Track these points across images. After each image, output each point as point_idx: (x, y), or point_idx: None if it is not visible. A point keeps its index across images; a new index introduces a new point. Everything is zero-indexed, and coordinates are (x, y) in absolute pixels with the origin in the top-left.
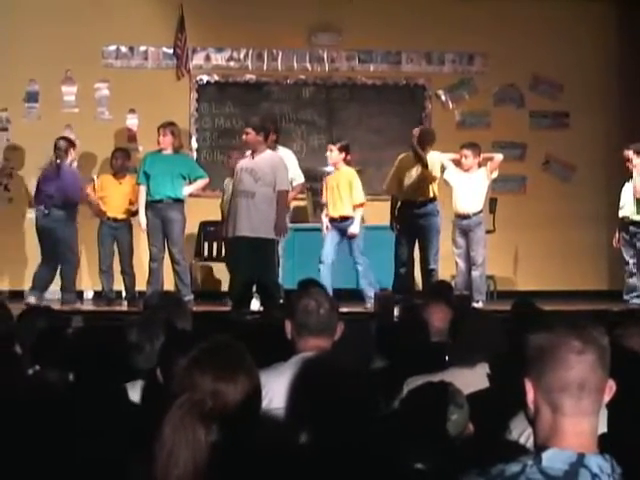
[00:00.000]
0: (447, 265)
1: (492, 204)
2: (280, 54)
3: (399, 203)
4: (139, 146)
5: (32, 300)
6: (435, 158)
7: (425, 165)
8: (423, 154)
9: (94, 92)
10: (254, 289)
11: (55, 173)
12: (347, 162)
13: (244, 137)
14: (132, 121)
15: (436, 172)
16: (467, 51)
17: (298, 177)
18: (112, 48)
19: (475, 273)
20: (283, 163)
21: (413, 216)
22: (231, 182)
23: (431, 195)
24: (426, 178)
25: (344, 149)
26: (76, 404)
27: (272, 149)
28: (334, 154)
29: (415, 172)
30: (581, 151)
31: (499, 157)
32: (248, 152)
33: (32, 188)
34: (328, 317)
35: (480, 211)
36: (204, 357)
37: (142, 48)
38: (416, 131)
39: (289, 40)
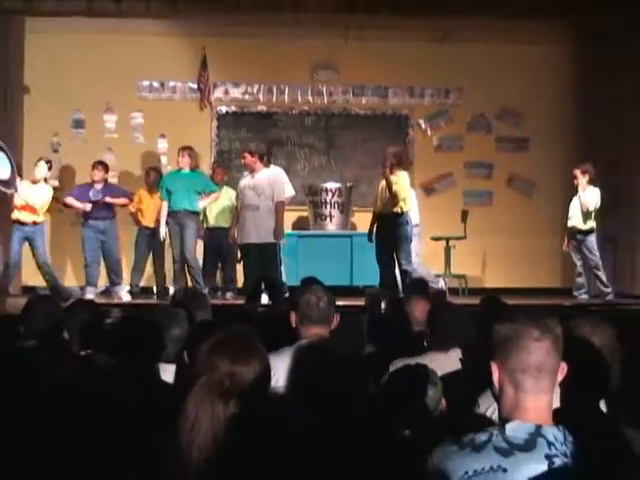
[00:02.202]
0: None
1: (464, 215)
2: (287, 88)
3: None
4: (168, 166)
5: (90, 294)
6: (404, 178)
7: (389, 185)
8: (388, 177)
9: (130, 120)
10: (263, 286)
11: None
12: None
13: (242, 160)
14: (162, 145)
15: (402, 190)
16: (444, 86)
17: (288, 191)
18: (146, 83)
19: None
20: (278, 178)
21: (385, 227)
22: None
23: (399, 210)
24: (393, 195)
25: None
26: (117, 381)
27: (266, 167)
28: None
29: (386, 191)
30: (539, 170)
31: None
32: (246, 172)
33: None
34: (326, 309)
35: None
36: (222, 343)
37: (171, 83)
38: (390, 151)
39: (294, 77)
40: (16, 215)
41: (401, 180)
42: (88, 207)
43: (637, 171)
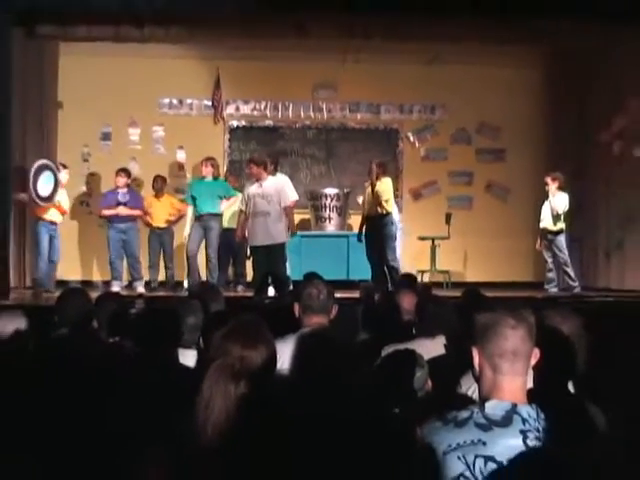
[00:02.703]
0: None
1: (447, 217)
2: (291, 105)
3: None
4: (187, 173)
5: (116, 287)
6: (387, 183)
7: (373, 190)
8: (374, 182)
9: (152, 133)
10: (270, 280)
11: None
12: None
13: (248, 171)
14: (181, 155)
15: (386, 195)
16: (430, 104)
17: (292, 196)
18: (166, 100)
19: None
20: (283, 184)
21: (373, 227)
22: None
23: (384, 211)
24: (377, 199)
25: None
26: (141, 365)
27: (272, 175)
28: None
29: (372, 195)
30: (514, 178)
31: None
32: (253, 180)
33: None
34: (326, 301)
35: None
36: (234, 330)
37: (188, 100)
38: (374, 162)
39: (297, 95)
40: (46, 214)
41: (384, 184)
42: (120, 210)
43: (600, 179)
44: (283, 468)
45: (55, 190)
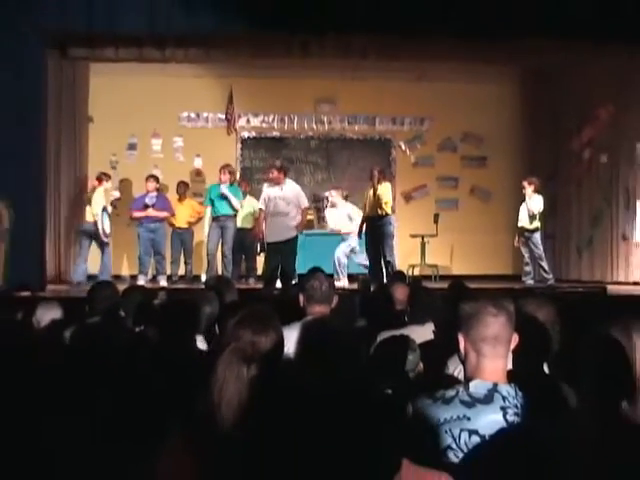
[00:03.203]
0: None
1: (435, 217)
2: (295, 118)
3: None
4: (204, 179)
5: (141, 281)
6: (387, 188)
7: (375, 193)
8: (376, 186)
9: (173, 143)
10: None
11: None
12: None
13: (270, 175)
14: (198, 162)
15: (386, 198)
16: (419, 116)
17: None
18: (185, 114)
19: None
20: (300, 190)
21: (373, 226)
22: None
23: (384, 212)
24: (378, 201)
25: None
26: (163, 349)
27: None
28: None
29: (373, 198)
30: (495, 182)
31: None
32: (272, 184)
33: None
34: (328, 292)
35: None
36: (245, 318)
37: (204, 114)
38: (376, 168)
39: (301, 108)
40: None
41: (385, 188)
42: (150, 212)
43: (572, 183)
44: (289, 441)
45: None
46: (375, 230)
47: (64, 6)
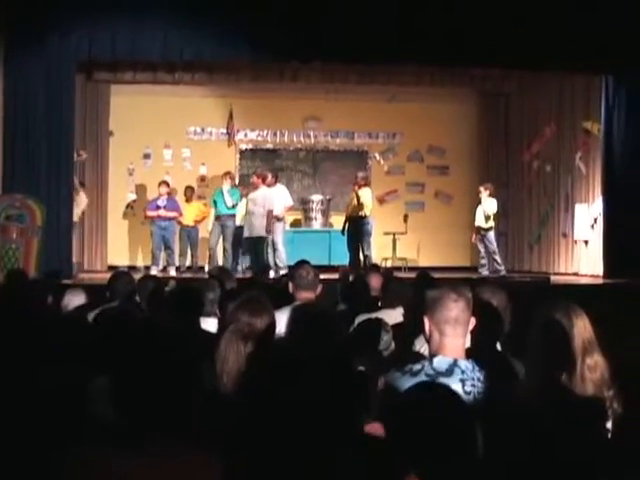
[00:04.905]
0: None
1: (405, 218)
2: (286, 133)
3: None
4: (208, 184)
5: (154, 271)
6: (367, 193)
7: (358, 198)
8: (357, 191)
9: (182, 153)
10: (272, 262)
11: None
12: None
13: (252, 181)
14: (203, 170)
15: (367, 201)
16: (391, 131)
17: (288, 201)
18: (192, 129)
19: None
20: (271, 196)
21: (354, 225)
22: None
23: (364, 214)
24: (359, 204)
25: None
26: (173, 331)
27: (272, 186)
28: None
29: (355, 201)
30: (456, 188)
31: None
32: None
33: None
34: (313, 280)
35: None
36: (243, 303)
37: (208, 129)
38: (360, 174)
39: (291, 125)
40: None
41: (366, 194)
42: (161, 212)
43: (521, 188)
44: (279, 405)
45: None
46: (356, 229)
47: (91, 37)
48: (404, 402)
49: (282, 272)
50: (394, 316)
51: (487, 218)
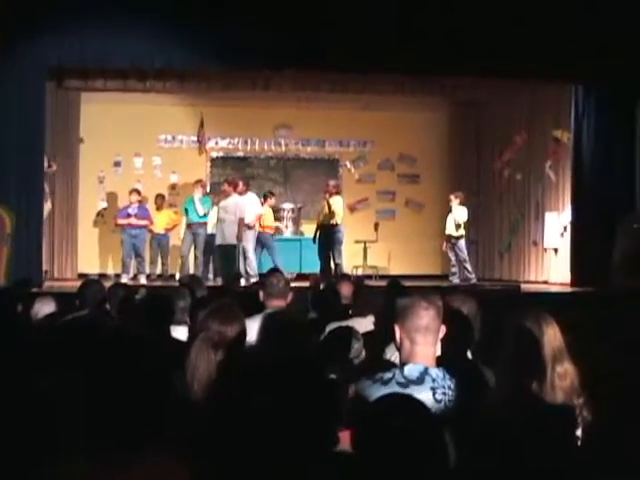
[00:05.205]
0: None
1: (376, 226)
2: (257, 140)
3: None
4: (179, 192)
5: (124, 279)
6: (339, 201)
7: (329, 206)
8: (328, 199)
9: (152, 161)
10: (243, 270)
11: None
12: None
13: (223, 189)
14: (174, 178)
15: (338, 210)
16: (362, 139)
17: (259, 209)
18: (163, 137)
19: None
20: (241, 204)
21: (325, 233)
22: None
23: (335, 222)
24: (331, 212)
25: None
26: (143, 339)
27: (244, 194)
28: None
29: (327, 209)
30: (427, 196)
31: None
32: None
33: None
34: (284, 288)
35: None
36: (214, 311)
37: (179, 137)
38: (331, 182)
39: (262, 133)
40: None
41: (337, 202)
42: (132, 220)
43: (491, 197)
44: (249, 413)
45: None
46: (327, 237)
47: (61, 45)
48: (373, 413)
49: (253, 280)
50: (365, 324)
51: (457, 226)
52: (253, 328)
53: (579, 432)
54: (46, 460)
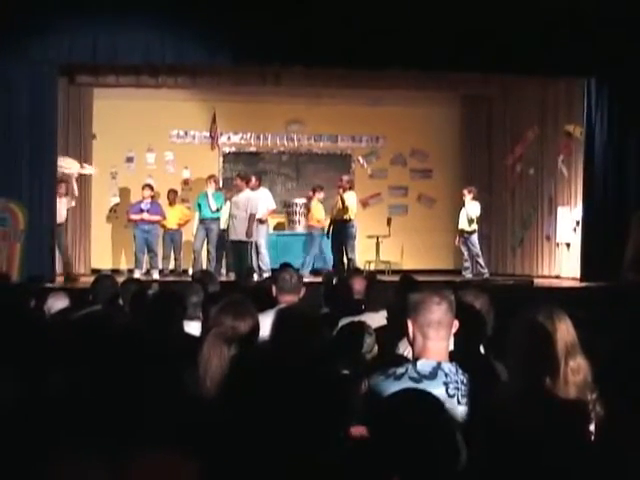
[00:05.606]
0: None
1: (388, 221)
2: (269, 136)
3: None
4: (191, 187)
5: (137, 274)
6: (352, 196)
7: (343, 201)
8: (342, 195)
9: (165, 157)
10: (255, 265)
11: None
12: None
13: (235, 184)
14: (186, 173)
15: (351, 205)
16: (374, 135)
17: (271, 205)
18: (175, 132)
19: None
20: (253, 200)
21: (338, 228)
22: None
23: (348, 217)
24: (344, 208)
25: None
26: (156, 335)
27: (256, 189)
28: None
29: (340, 204)
30: (439, 191)
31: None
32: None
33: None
34: (297, 283)
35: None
36: (226, 306)
37: (192, 132)
38: (344, 178)
39: (275, 128)
40: None
41: (350, 197)
42: (144, 216)
43: (506, 192)
44: (262, 408)
45: None
46: (340, 232)
47: (73, 41)
48: (387, 408)
49: (265, 275)
50: (377, 319)
51: (470, 221)
52: (266, 323)
53: (592, 427)
54: (52, 455)
